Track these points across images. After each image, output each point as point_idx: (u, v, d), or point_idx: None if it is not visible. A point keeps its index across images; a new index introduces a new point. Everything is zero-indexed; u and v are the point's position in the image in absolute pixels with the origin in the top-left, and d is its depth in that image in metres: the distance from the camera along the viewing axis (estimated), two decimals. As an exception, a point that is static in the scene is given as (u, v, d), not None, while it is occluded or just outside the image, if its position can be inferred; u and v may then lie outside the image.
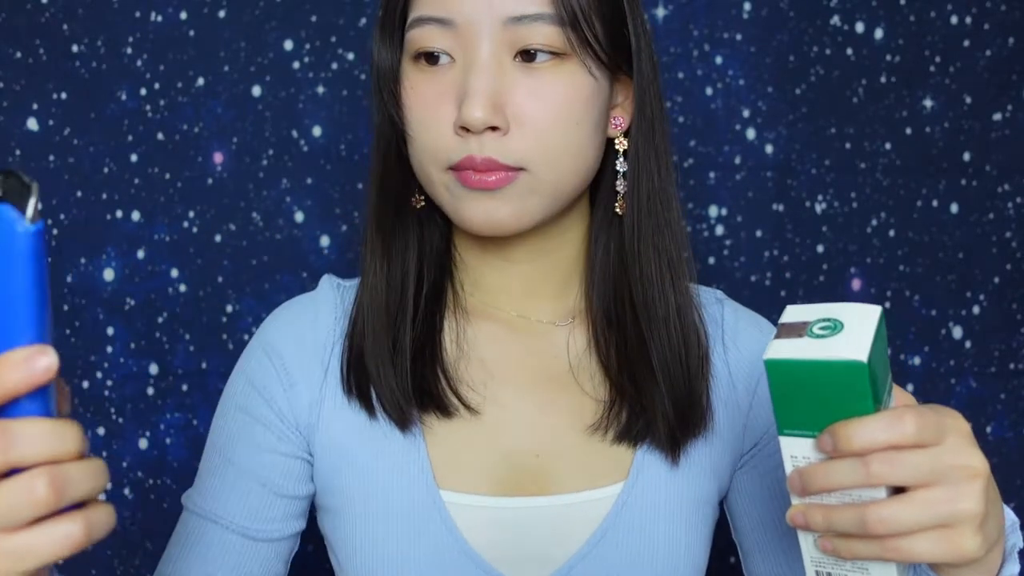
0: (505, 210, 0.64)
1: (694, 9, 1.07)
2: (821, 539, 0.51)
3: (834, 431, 0.48)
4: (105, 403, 1.02)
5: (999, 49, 1.12)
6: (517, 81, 0.63)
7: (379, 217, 0.70)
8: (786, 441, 0.51)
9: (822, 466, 0.49)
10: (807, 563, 0.53)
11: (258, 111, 1.02)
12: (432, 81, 0.64)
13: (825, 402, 0.48)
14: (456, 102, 0.63)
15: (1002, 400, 1.15)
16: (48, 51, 1.00)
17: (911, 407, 0.49)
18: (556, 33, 0.62)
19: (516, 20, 0.62)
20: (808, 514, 0.51)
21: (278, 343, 0.71)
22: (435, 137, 0.64)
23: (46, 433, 0.42)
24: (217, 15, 1.01)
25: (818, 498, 0.50)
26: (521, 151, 0.63)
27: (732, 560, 1.09)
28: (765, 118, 1.09)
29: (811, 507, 0.51)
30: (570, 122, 0.64)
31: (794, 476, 0.51)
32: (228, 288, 1.03)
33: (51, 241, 1.01)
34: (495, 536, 0.67)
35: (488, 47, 0.62)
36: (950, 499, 0.48)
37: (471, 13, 0.62)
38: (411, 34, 0.65)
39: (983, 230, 1.13)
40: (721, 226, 1.09)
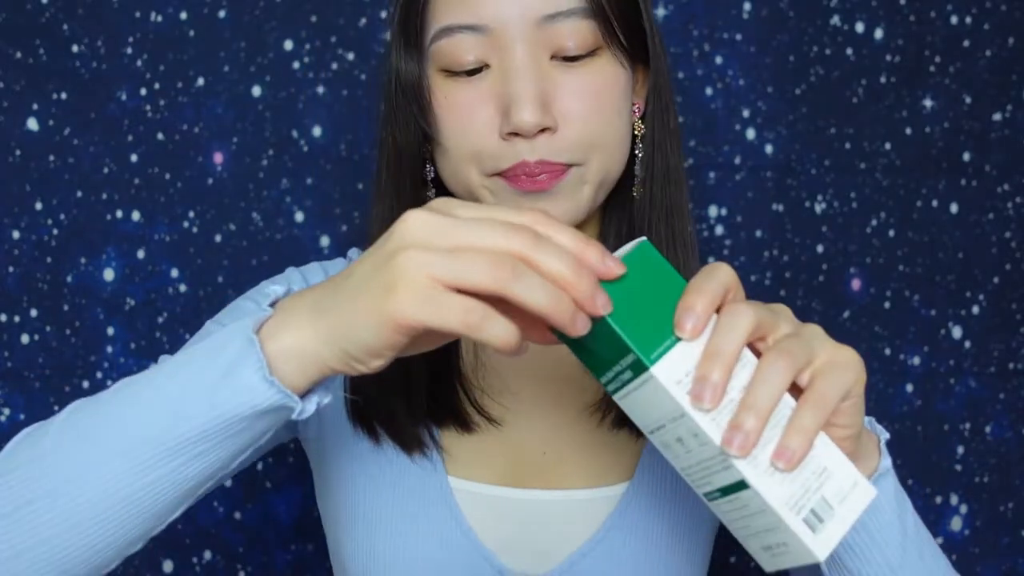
0: (559, 209, 0.64)
1: (694, 9, 1.07)
2: (777, 452, 0.46)
3: (683, 305, 0.47)
4: (105, 403, 1.02)
5: (999, 49, 1.12)
6: (558, 80, 0.62)
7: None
8: (661, 367, 0.46)
9: (709, 348, 0.47)
10: (784, 512, 0.46)
11: (258, 111, 1.02)
12: (467, 89, 0.63)
13: (655, 308, 0.47)
14: (498, 108, 0.62)
15: (1002, 400, 1.15)
16: (48, 51, 1.00)
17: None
18: (587, 27, 0.62)
19: (550, 18, 0.61)
20: (740, 422, 0.46)
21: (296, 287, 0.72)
22: (477, 145, 0.63)
23: (567, 263, 0.45)
24: (217, 15, 1.01)
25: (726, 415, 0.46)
26: (571, 148, 0.63)
27: (732, 560, 1.09)
28: (765, 118, 1.09)
29: (736, 416, 0.46)
30: (612, 113, 0.65)
31: (697, 384, 0.46)
32: (228, 288, 1.03)
33: (51, 241, 1.01)
34: (499, 525, 0.68)
35: (524, 48, 0.61)
36: (796, 322, 0.50)
37: (504, 16, 0.61)
38: (439, 45, 0.63)
39: (983, 230, 1.13)
40: (721, 226, 1.09)
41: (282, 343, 0.48)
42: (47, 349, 1.01)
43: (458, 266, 0.44)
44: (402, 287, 0.44)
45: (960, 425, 1.14)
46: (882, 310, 1.12)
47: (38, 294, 1.01)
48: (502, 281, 0.43)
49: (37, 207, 1.00)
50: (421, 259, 0.44)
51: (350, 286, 0.47)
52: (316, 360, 0.48)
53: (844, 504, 0.48)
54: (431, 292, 0.44)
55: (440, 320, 0.44)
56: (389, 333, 0.45)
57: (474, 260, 0.44)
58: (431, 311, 0.44)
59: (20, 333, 1.01)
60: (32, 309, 1.01)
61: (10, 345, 1.01)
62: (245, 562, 1.05)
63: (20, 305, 1.01)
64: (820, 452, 0.48)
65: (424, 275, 0.44)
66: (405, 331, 0.45)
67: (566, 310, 0.44)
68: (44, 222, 1.01)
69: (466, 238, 0.44)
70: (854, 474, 0.49)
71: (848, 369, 0.49)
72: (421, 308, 0.44)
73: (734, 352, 0.46)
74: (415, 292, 0.44)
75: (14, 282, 1.01)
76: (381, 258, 0.45)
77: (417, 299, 0.44)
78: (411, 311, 0.44)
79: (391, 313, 0.44)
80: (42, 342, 1.01)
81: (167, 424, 0.49)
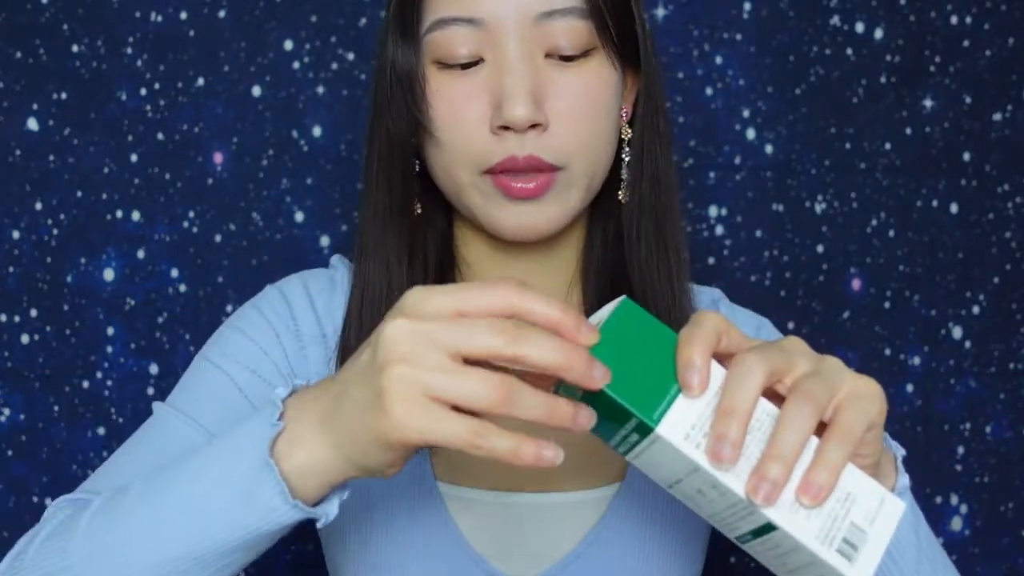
0: (544, 216, 0.64)
1: (694, 9, 1.07)
2: (803, 489, 0.45)
3: (683, 361, 0.46)
4: (105, 403, 1.02)
5: (999, 49, 1.12)
6: (551, 78, 0.62)
7: (380, 228, 0.68)
8: (666, 425, 0.46)
9: (724, 406, 0.45)
10: (815, 546, 0.45)
11: (258, 111, 1.02)
12: (460, 82, 0.63)
13: (647, 363, 0.47)
14: (490, 102, 0.62)
15: (1002, 400, 1.15)
16: (48, 51, 1.00)
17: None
18: (583, 27, 0.62)
19: (546, 16, 0.61)
20: (766, 472, 0.45)
21: (296, 305, 0.71)
22: (468, 138, 0.63)
23: (554, 349, 0.44)
24: (217, 15, 1.01)
25: (743, 464, 0.45)
26: (561, 147, 0.63)
27: (732, 560, 1.09)
28: (765, 118, 1.09)
29: (761, 465, 0.45)
30: (602, 115, 0.65)
31: (715, 443, 0.45)
32: (228, 288, 1.03)
33: (51, 241, 1.01)
34: (490, 530, 0.67)
35: (519, 44, 0.61)
36: (814, 358, 0.48)
37: (500, 11, 0.61)
38: (433, 36, 0.63)
39: (983, 230, 1.13)
40: (721, 226, 1.09)
41: (298, 462, 0.49)
42: (47, 349, 1.01)
43: (450, 384, 0.44)
44: (396, 407, 0.44)
45: (960, 425, 1.14)
46: (882, 310, 1.12)
47: (38, 294, 1.01)
48: (499, 402, 0.44)
49: (37, 207, 1.00)
50: (410, 377, 0.44)
51: (348, 402, 0.47)
52: (334, 472, 0.49)
53: (875, 524, 0.47)
54: (426, 410, 0.44)
55: (440, 437, 0.44)
56: (394, 453, 0.46)
57: (466, 377, 0.44)
58: (430, 430, 0.44)
59: (20, 333, 1.01)
60: (32, 309, 1.01)
61: (10, 345, 1.01)
62: (245, 562, 1.05)
63: (20, 305, 1.01)
64: (843, 479, 0.47)
65: (416, 393, 0.44)
66: (409, 448, 0.46)
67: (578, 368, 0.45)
68: (44, 222, 1.01)
69: (452, 345, 0.44)
70: (879, 491, 0.48)
71: (871, 400, 0.47)
72: (419, 427, 0.44)
73: (749, 409, 0.45)
74: (410, 412, 0.44)
75: (14, 282, 1.01)
76: (371, 374, 0.45)
77: (413, 418, 0.44)
78: (408, 433, 0.44)
79: (389, 435, 0.45)
80: (42, 342, 1.01)
81: (193, 541, 0.50)
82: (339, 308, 0.71)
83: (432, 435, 0.44)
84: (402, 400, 0.44)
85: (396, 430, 0.44)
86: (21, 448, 1.01)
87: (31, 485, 1.01)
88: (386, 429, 0.44)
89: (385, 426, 0.44)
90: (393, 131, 0.66)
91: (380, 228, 0.68)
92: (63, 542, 0.53)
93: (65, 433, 1.01)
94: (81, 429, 1.02)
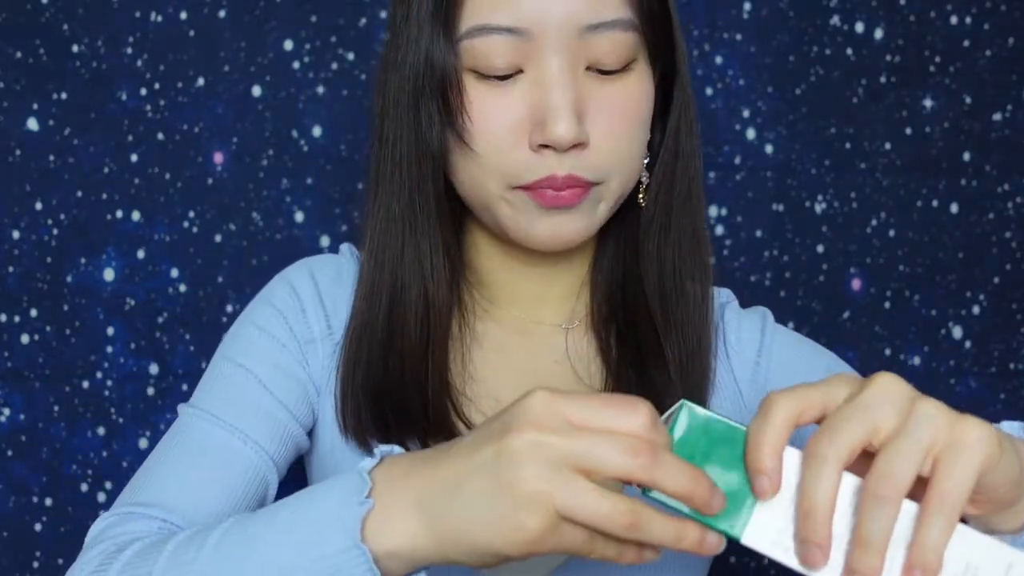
0: (574, 225, 0.63)
1: (694, 9, 1.07)
2: (907, 569, 0.42)
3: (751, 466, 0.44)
4: (105, 403, 1.02)
5: (999, 49, 1.12)
6: (592, 92, 0.60)
7: (391, 230, 0.66)
8: (751, 535, 0.45)
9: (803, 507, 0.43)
10: None
11: (258, 111, 1.02)
12: (498, 93, 0.60)
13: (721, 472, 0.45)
14: (530, 117, 0.60)
15: (1002, 400, 1.15)
16: (48, 51, 1.00)
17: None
18: (627, 40, 0.60)
19: (592, 28, 0.59)
20: (857, 566, 0.42)
21: (305, 298, 0.70)
22: (505, 153, 0.61)
23: (686, 479, 0.43)
24: (217, 15, 1.01)
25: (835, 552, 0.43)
26: (600, 165, 0.61)
27: (732, 560, 1.09)
28: (765, 118, 1.09)
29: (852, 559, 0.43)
30: (640, 129, 0.63)
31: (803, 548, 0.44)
32: (228, 288, 1.03)
33: (51, 241, 1.01)
34: None
35: (563, 58, 0.59)
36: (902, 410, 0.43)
37: (546, 21, 0.58)
38: (471, 43, 0.59)
39: (983, 230, 1.13)
40: (721, 226, 1.09)
41: (390, 546, 0.47)
42: (47, 349, 1.01)
43: (583, 505, 0.43)
44: (530, 524, 0.43)
45: (960, 425, 1.14)
46: (882, 310, 1.12)
47: (38, 294, 1.01)
48: (627, 528, 0.43)
49: (37, 207, 1.00)
50: (543, 494, 0.43)
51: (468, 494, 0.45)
52: (424, 560, 0.47)
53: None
54: (558, 528, 0.43)
55: (570, 547, 0.44)
56: (499, 561, 0.45)
57: (600, 501, 0.43)
58: (557, 544, 0.44)
59: (20, 333, 1.01)
60: (32, 309, 1.01)
61: (10, 345, 1.01)
62: (245, 562, 1.05)
63: (20, 305, 1.01)
64: (958, 549, 0.43)
65: (549, 509, 0.43)
66: (545, 519, 0.44)
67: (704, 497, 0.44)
68: (44, 222, 1.01)
69: (585, 462, 0.43)
70: (1007, 555, 0.43)
71: (973, 450, 0.42)
72: (552, 543, 0.44)
73: (829, 505, 0.43)
74: (540, 531, 0.43)
75: (14, 282, 1.01)
76: (495, 471, 0.44)
77: (543, 536, 0.43)
78: (540, 547, 0.44)
79: (518, 547, 0.44)
80: (42, 342, 1.01)
81: None
82: (344, 301, 0.70)
83: (559, 548, 0.44)
84: (535, 516, 0.43)
85: (529, 545, 0.43)
86: (21, 448, 1.01)
87: (31, 485, 1.01)
88: (514, 541, 0.44)
89: (513, 538, 0.43)
90: (422, 137, 0.63)
91: (391, 230, 0.66)
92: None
93: (65, 433, 1.01)
94: (81, 429, 1.02)
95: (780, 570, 1.08)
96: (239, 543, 0.50)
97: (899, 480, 0.42)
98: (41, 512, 1.01)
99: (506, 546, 0.44)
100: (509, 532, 0.43)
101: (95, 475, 1.02)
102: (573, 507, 0.43)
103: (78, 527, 1.01)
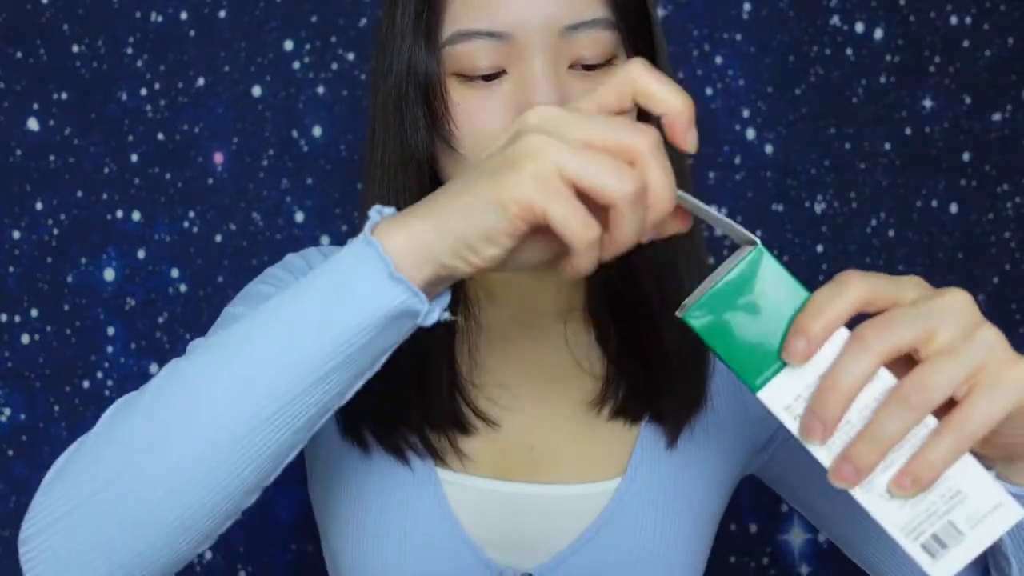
0: None
1: (694, 9, 1.07)
2: (894, 481, 0.43)
3: (797, 326, 0.44)
4: (105, 403, 1.02)
5: (999, 49, 1.12)
6: (576, 89, 0.61)
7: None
8: (767, 394, 0.45)
9: (826, 380, 0.43)
10: (898, 535, 0.44)
11: (258, 111, 1.03)
12: (482, 95, 0.61)
13: (767, 324, 0.45)
14: (516, 117, 0.59)
15: (1002, 400, 1.15)
16: (48, 51, 1.00)
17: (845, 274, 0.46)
18: (607, 37, 0.61)
19: (572, 28, 0.60)
20: (853, 455, 0.43)
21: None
22: None
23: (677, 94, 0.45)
24: (217, 15, 1.01)
25: (841, 437, 0.44)
26: None
27: (732, 560, 1.09)
28: (765, 118, 1.09)
29: (850, 447, 0.43)
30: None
31: (807, 417, 0.43)
32: (228, 288, 1.03)
33: (51, 241, 1.01)
34: (487, 519, 0.67)
35: (545, 58, 0.59)
36: (963, 329, 0.43)
37: (525, 24, 0.59)
38: (454, 49, 0.60)
39: (983, 230, 1.14)
40: (721, 226, 1.09)
41: (398, 239, 0.46)
42: (47, 349, 1.01)
43: (587, 164, 0.43)
44: (528, 166, 0.43)
45: (960, 425, 1.14)
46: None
47: (38, 294, 1.01)
48: (632, 196, 0.43)
49: (37, 207, 1.00)
50: (551, 146, 0.43)
51: (468, 175, 0.46)
52: (429, 254, 0.46)
53: (978, 528, 0.43)
54: (556, 183, 0.43)
55: (560, 217, 0.43)
56: (510, 216, 0.44)
57: (603, 162, 0.43)
58: (554, 203, 0.43)
59: (20, 333, 1.01)
60: (32, 309, 1.01)
61: (10, 345, 1.01)
62: (245, 562, 1.05)
63: (20, 305, 1.01)
64: (956, 472, 0.44)
65: (551, 168, 0.43)
66: (525, 215, 0.43)
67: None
68: (44, 222, 1.01)
69: (596, 132, 0.44)
70: (998, 495, 0.44)
71: (1012, 390, 0.42)
72: (544, 198, 0.43)
73: (853, 387, 0.43)
74: (540, 177, 0.43)
75: (14, 282, 1.01)
76: (506, 145, 0.44)
77: (541, 185, 0.43)
78: (533, 200, 0.43)
79: (512, 192, 0.43)
80: (42, 342, 1.01)
81: (293, 347, 0.47)
82: None
83: (552, 211, 0.43)
84: (535, 169, 0.43)
85: (522, 193, 0.43)
86: (21, 448, 1.01)
87: (31, 485, 1.01)
88: (511, 189, 0.43)
89: (510, 186, 0.43)
90: (407, 143, 0.64)
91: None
92: (173, 374, 0.52)
93: (65, 433, 1.01)
94: (81, 429, 1.01)
95: (780, 570, 1.08)
96: (261, 313, 0.49)
97: (933, 393, 0.42)
98: (41, 512, 1.01)
99: (510, 193, 0.43)
100: (510, 179, 0.43)
101: (95, 475, 1.02)
102: (575, 165, 0.43)
103: (78, 527, 1.01)
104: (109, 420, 0.53)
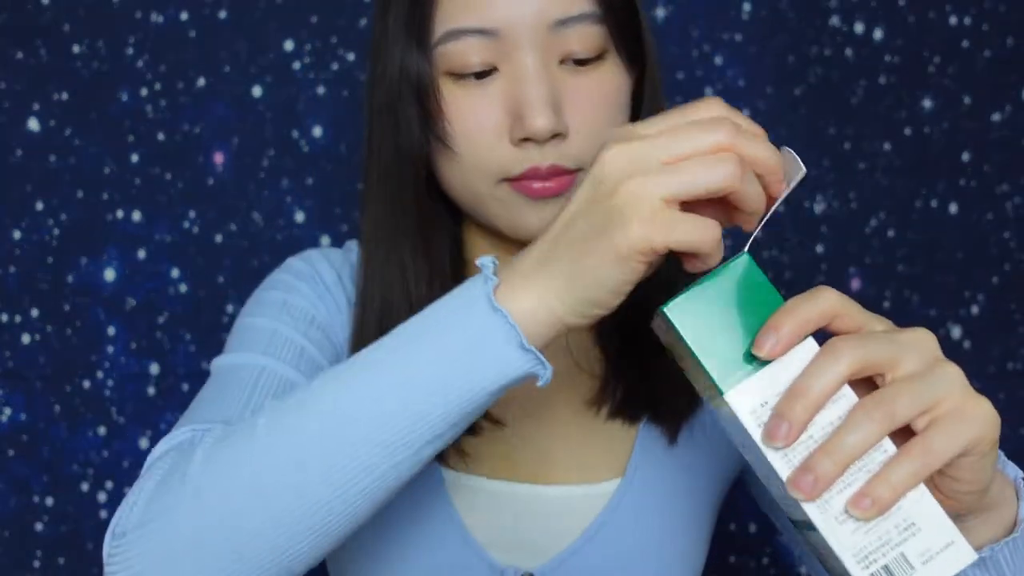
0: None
1: (694, 9, 1.07)
2: (852, 501, 0.43)
3: (769, 323, 0.45)
4: (105, 403, 1.02)
5: (999, 49, 1.12)
6: (568, 84, 0.62)
7: (387, 238, 0.68)
8: (735, 395, 0.44)
9: (796, 384, 0.43)
10: (849, 562, 0.43)
11: (258, 111, 1.03)
12: (475, 93, 0.62)
13: (740, 328, 0.46)
14: (508, 113, 0.61)
15: (1001, 400, 1.15)
16: (49, 51, 1.00)
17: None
18: (596, 32, 0.62)
19: (561, 24, 0.60)
20: (813, 465, 0.42)
21: (323, 272, 0.71)
22: (487, 151, 0.62)
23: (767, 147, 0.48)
24: (218, 15, 1.02)
25: (801, 451, 0.44)
26: (580, 154, 0.62)
27: (732, 560, 1.09)
28: (765, 118, 1.09)
29: (811, 457, 0.43)
30: (616, 114, 0.65)
31: (773, 420, 0.43)
32: (228, 288, 1.03)
33: (52, 241, 1.01)
34: (490, 519, 0.68)
35: (535, 53, 0.60)
36: (928, 362, 0.44)
37: (515, 21, 0.60)
38: (445, 48, 0.61)
39: (982, 230, 1.14)
40: (721, 226, 1.09)
41: (523, 306, 0.47)
42: (47, 349, 1.01)
43: (685, 178, 0.44)
44: (634, 215, 0.44)
45: (960, 425, 1.14)
46: (882, 310, 1.12)
47: (39, 294, 1.01)
48: (731, 177, 0.45)
49: (38, 207, 1.01)
50: (642, 187, 0.44)
51: (575, 234, 0.46)
52: (553, 317, 0.47)
53: (929, 565, 0.43)
54: (664, 214, 0.44)
55: (681, 240, 0.44)
56: (632, 265, 0.45)
57: (696, 167, 0.44)
58: (671, 232, 0.44)
59: (21, 333, 1.01)
60: (33, 309, 1.01)
61: (10, 345, 1.01)
62: (245, 562, 1.05)
63: (21, 305, 1.01)
64: (911, 504, 0.43)
65: (654, 198, 0.44)
66: (647, 256, 0.45)
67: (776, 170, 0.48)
68: (45, 222, 1.01)
69: (676, 149, 0.45)
70: (951, 534, 0.44)
71: (973, 424, 0.43)
72: (660, 232, 0.44)
73: (821, 394, 0.43)
74: (649, 219, 0.44)
75: (14, 282, 1.01)
76: (599, 200, 0.45)
77: (653, 225, 0.44)
78: (652, 236, 0.44)
79: (630, 243, 0.44)
80: (42, 342, 1.01)
81: (413, 407, 0.47)
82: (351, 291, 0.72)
83: (672, 240, 0.44)
84: (639, 211, 0.44)
85: (639, 240, 0.44)
86: (21, 448, 1.01)
87: (31, 485, 1.01)
88: (628, 241, 0.44)
89: (627, 239, 0.44)
90: (402, 144, 0.65)
91: (376, 236, 0.68)
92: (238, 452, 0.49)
93: (65, 433, 1.02)
94: (81, 429, 1.02)
95: (780, 570, 1.08)
96: (369, 366, 0.49)
97: (895, 410, 0.43)
98: (41, 512, 1.01)
99: (630, 245, 0.44)
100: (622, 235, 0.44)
101: (96, 475, 1.02)
102: (671, 184, 0.44)
103: (78, 527, 1.01)
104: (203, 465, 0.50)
